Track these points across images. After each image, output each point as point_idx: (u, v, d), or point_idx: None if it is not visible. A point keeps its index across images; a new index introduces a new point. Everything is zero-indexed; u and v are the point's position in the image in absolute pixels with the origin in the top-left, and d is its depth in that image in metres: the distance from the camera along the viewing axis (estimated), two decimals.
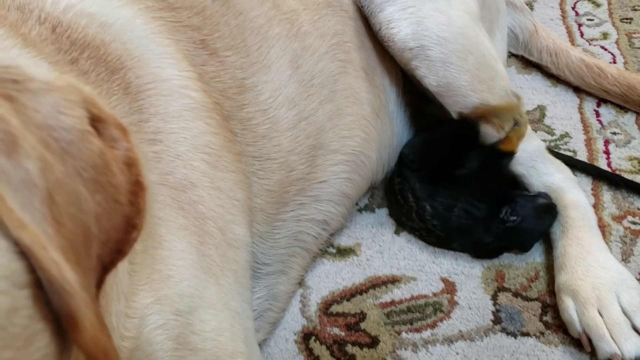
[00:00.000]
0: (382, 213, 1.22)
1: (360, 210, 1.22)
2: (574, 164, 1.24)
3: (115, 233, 0.51)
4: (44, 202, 0.42)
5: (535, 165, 1.14)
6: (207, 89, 0.84)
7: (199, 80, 0.83)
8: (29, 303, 0.42)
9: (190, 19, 0.86)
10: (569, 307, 0.98)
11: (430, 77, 1.09)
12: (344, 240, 1.17)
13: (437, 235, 1.12)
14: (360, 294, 1.07)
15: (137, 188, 0.51)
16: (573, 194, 1.12)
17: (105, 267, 0.51)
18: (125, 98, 0.75)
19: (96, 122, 0.47)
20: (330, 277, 1.11)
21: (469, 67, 1.08)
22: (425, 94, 1.18)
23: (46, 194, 0.42)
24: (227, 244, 0.85)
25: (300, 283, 1.09)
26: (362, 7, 1.13)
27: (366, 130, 1.13)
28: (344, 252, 1.15)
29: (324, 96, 1.05)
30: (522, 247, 1.10)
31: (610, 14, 1.65)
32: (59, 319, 0.43)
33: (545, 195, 1.11)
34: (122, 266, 0.69)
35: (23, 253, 0.41)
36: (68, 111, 0.45)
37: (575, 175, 1.20)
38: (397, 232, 1.18)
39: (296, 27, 1.02)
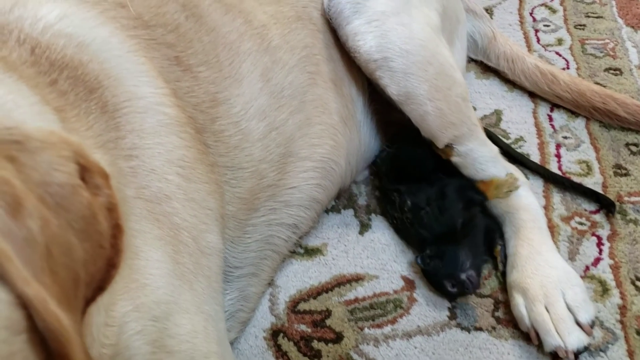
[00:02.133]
0: (348, 214, 1.28)
1: (327, 212, 1.28)
2: (526, 164, 1.32)
3: (98, 274, 0.56)
4: (42, 256, 0.48)
5: (488, 168, 1.20)
6: (181, 104, 0.89)
7: (173, 96, 0.88)
8: (25, 346, 0.47)
9: (165, 36, 0.91)
10: (519, 304, 1.05)
11: (392, 87, 1.16)
12: (311, 241, 1.23)
13: (407, 225, 1.19)
14: (326, 292, 1.14)
15: (116, 231, 0.57)
16: (525, 197, 1.20)
17: (87, 302, 0.57)
18: (102, 116, 0.79)
19: (83, 172, 0.53)
20: (298, 277, 1.17)
21: (428, 77, 1.14)
22: (390, 102, 1.24)
23: (44, 249, 0.48)
24: (201, 251, 0.90)
25: (270, 283, 1.15)
26: (330, 19, 1.19)
27: (335, 138, 1.19)
28: (311, 252, 1.21)
29: (294, 107, 1.10)
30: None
31: (565, 20, 1.74)
32: (50, 354, 0.49)
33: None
34: None
35: (23, 304, 0.46)
36: (61, 167, 0.51)
37: (528, 178, 1.28)
38: (361, 233, 1.24)
39: (267, 41, 1.07)
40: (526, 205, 1.18)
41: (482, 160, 1.19)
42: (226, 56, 0.99)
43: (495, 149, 1.22)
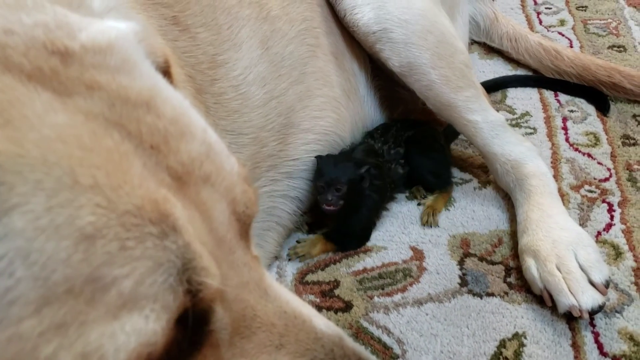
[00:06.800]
0: None
1: None
2: (515, 82, 1.44)
3: None
4: None
5: (499, 135, 1.18)
6: (180, 63, 0.89)
7: (172, 54, 0.87)
8: None
9: None
10: (530, 266, 1.03)
11: (393, 58, 1.15)
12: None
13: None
14: (334, 263, 1.12)
15: None
16: (535, 164, 1.18)
17: None
18: None
19: None
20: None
21: (430, 46, 1.14)
22: (393, 77, 1.24)
23: None
24: None
25: (277, 257, 1.13)
26: None
27: (337, 111, 1.18)
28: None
29: (294, 77, 1.10)
30: None
31: (567, 2, 1.74)
32: None
33: None
34: None
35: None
36: None
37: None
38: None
39: (265, 10, 1.07)
40: (536, 172, 1.16)
41: (496, 124, 1.17)
42: (225, 20, 0.99)
43: (502, 116, 1.21)
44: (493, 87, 1.45)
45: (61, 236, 0.39)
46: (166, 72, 0.58)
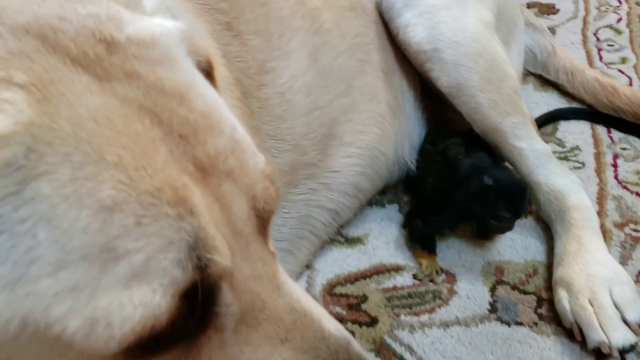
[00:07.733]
0: (393, 209, 1.27)
1: (370, 205, 1.28)
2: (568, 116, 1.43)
3: None
4: None
5: (544, 164, 1.17)
6: (229, 66, 0.92)
7: (222, 57, 0.91)
8: None
9: (218, 3, 0.95)
10: (562, 298, 1.01)
11: (442, 78, 1.16)
12: (352, 231, 1.22)
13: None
14: (364, 278, 1.13)
15: None
16: (578, 197, 1.16)
17: None
18: None
19: None
20: (337, 263, 1.16)
21: (479, 69, 1.14)
22: (442, 99, 1.25)
23: None
24: None
25: (308, 266, 1.15)
26: (382, 12, 1.21)
27: (382, 127, 1.20)
28: (351, 241, 1.20)
29: (341, 90, 1.12)
30: None
31: (631, 41, 1.70)
32: None
33: None
34: None
35: None
36: None
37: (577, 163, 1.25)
38: (404, 226, 1.23)
39: (318, 23, 1.10)
40: (578, 205, 1.14)
41: (542, 153, 1.16)
42: (277, 29, 1.02)
43: (548, 146, 1.19)
44: (549, 119, 1.44)
45: (83, 205, 0.43)
46: (209, 73, 0.61)
